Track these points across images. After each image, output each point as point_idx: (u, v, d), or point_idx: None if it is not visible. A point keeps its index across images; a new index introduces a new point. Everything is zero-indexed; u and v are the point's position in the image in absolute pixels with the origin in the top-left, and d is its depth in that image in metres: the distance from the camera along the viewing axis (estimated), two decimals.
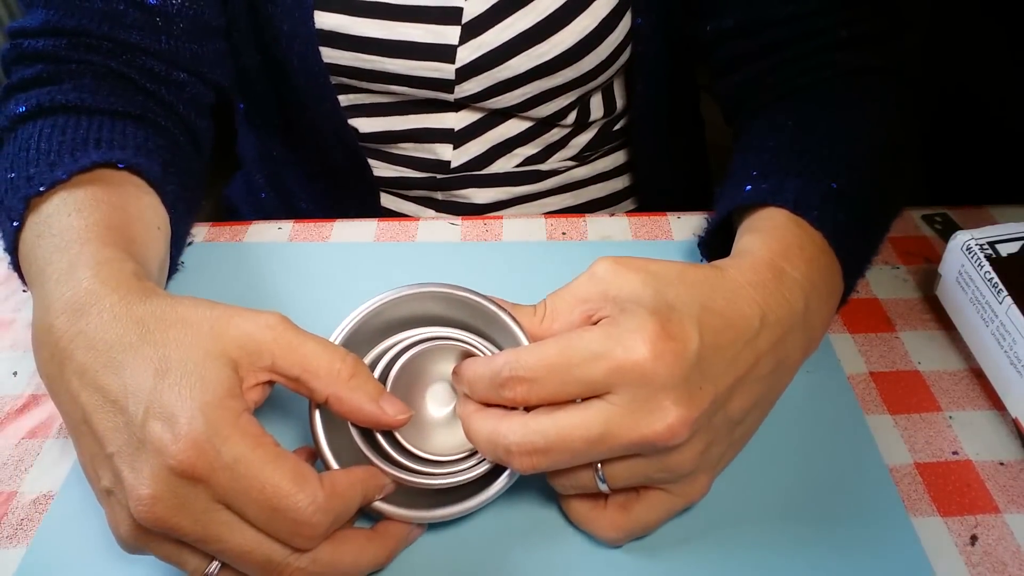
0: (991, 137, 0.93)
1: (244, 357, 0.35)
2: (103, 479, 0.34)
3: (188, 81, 0.56)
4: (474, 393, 0.37)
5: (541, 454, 0.34)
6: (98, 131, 0.47)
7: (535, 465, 0.34)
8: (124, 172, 0.46)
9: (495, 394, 0.35)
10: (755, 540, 0.39)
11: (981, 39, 0.89)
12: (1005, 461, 0.43)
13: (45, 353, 0.36)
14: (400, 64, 0.60)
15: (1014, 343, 0.43)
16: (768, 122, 0.52)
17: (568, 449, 0.33)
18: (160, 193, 0.48)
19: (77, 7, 0.51)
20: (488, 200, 0.69)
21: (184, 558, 0.34)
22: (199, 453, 0.31)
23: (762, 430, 0.43)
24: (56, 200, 0.42)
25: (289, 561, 0.33)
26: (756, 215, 0.45)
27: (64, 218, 0.41)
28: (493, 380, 0.35)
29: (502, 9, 0.59)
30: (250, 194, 0.77)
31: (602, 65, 0.62)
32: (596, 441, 0.33)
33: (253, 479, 0.32)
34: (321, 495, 0.33)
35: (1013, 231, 0.47)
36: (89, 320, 0.35)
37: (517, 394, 0.34)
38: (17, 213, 0.42)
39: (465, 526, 0.40)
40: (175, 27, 0.54)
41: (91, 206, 0.42)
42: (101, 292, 0.36)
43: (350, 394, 0.36)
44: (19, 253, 0.43)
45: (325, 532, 0.34)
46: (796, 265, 0.40)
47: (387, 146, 0.67)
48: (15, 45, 0.52)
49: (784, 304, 0.38)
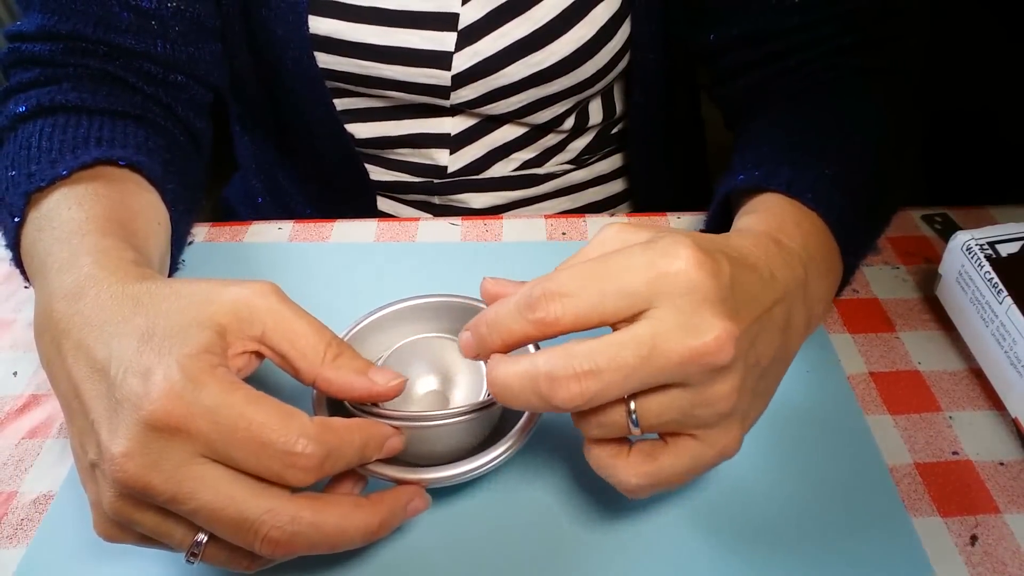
0: (991, 137, 0.93)
1: (234, 323, 0.34)
2: (89, 452, 0.33)
3: (185, 83, 0.56)
4: (498, 330, 0.33)
5: (592, 376, 0.30)
6: (99, 130, 0.47)
7: (584, 391, 0.31)
8: (125, 170, 0.46)
9: (523, 321, 0.32)
10: (755, 540, 0.39)
11: (981, 39, 0.89)
12: (1005, 461, 0.43)
13: (47, 337, 0.37)
14: (395, 70, 0.60)
15: (1014, 343, 0.43)
16: (766, 121, 0.52)
17: (620, 367, 0.30)
18: (160, 191, 0.48)
19: (72, 11, 0.51)
20: (485, 204, 0.69)
21: (168, 528, 0.32)
22: (175, 401, 0.30)
23: (762, 430, 0.43)
24: (57, 195, 0.43)
25: (264, 519, 0.31)
26: (752, 200, 0.45)
27: (65, 212, 0.41)
28: (521, 304, 0.32)
29: (498, 17, 0.59)
30: (247, 197, 0.77)
31: (600, 73, 0.61)
32: (647, 358, 0.30)
33: (237, 418, 0.31)
34: (311, 427, 0.32)
35: (1013, 231, 0.47)
36: (87, 301, 0.35)
37: (550, 312, 0.31)
38: (18, 209, 0.43)
39: (464, 525, 0.40)
40: (170, 30, 0.54)
41: (92, 200, 0.42)
42: (100, 275, 0.36)
43: (336, 373, 0.35)
44: (21, 249, 0.43)
45: (319, 466, 0.32)
46: (793, 237, 0.40)
47: (383, 151, 0.67)
48: (13, 49, 0.52)
49: (787, 267, 0.37)
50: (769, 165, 0.45)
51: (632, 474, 0.34)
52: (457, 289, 0.44)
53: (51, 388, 0.47)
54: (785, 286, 0.36)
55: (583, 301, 0.32)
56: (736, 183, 0.46)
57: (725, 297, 0.32)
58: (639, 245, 0.33)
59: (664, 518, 0.40)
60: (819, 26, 0.53)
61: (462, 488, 0.41)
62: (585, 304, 0.32)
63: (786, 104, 0.54)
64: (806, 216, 0.42)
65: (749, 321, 0.33)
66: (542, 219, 0.59)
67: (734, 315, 0.32)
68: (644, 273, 0.31)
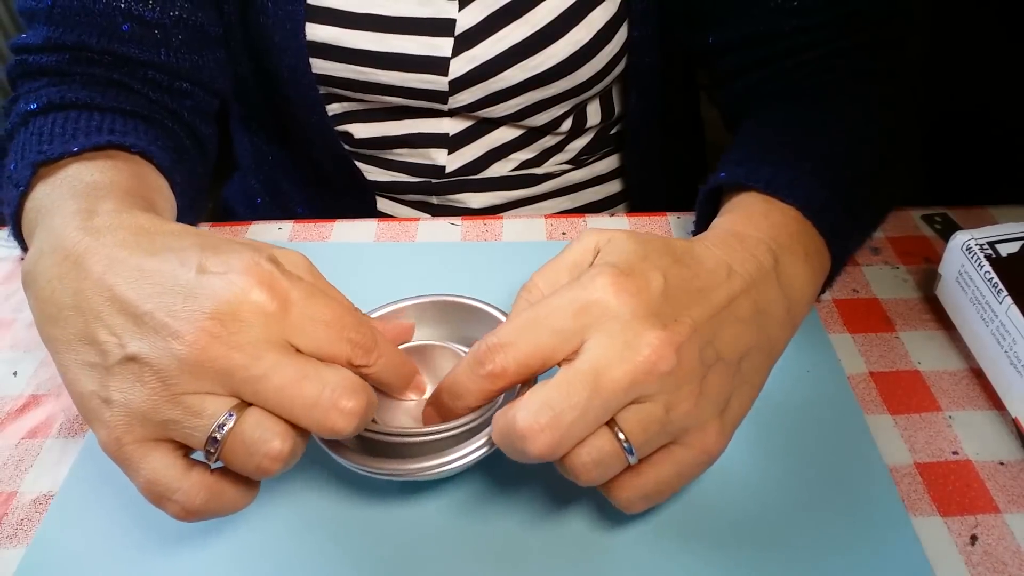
0: (991, 137, 0.93)
1: None
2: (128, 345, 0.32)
3: (191, 90, 0.56)
4: (460, 392, 0.36)
5: (553, 424, 0.32)
6: (111, 123, 0.48)
7: (551, 440, 0.32)
8: (136, 156, 0.47)
9: (477, 378, 0.34)
10: (755, 540, 0.39)
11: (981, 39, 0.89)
12: (1005, 461, 0.43)
13: (50, 273, 0.35)
14: (393, 76, 0.60)
15: (1014, 343, 0.43)
16: (758, 121, 0.53)
17: (575, 405, 0.32)
18: (169, 181, 0.48)
19: (77, 23, 0.52)
20: (483, 204, 0.69)
21: (206, 405, 0.32)
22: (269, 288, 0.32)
23: (762, 430, 0.43)
24: (74, 166, 0.43)
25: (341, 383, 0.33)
26: (733, 199, 0.45)
27: (87, 175, 0.42)
28: (472, 362, 0.35)
29: (495, 21, 0.59)
30: (246, 198, 0.77)
31: (597, 76, 0.61)
32: (596, 388, 0.32)
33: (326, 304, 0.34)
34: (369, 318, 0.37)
35: (1013, 231, 0.47)
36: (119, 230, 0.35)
37: (496, 364, 0.34)
38: (24, 179, 0.42)
39: (464, 521, 0.40)
40: (173, 39, 0.54)
41: (110, 169, 0.43)
42: (125, 215, 0.37)
43: None
44: (23, 215, 0.43)
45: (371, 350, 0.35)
46: (759, 227, 0.41)
47: (382, 151, 0.67)
48: (20, 61, 0.53)
49: (750, 259, 0.38)
50: (752, 164, 0.46)
51: (624, 487, 0.35)
52: (457, 289, 0.44)
53: (51, 388, 0.48)
54: (747, 278, 0.37)
55: (522, 348, 0.34)
56: (718, 180, 0.46)
57: (655, 309, 0.33)
58: (565, 285, 0.35)
59: (664, 518, 0.40)
60: (817, 29, 0.53)
61: (451, 482, 0.42)
62: (524, 351, 0.34)
63: (780, 104, 0.54)
64: (778, 209, 0.43)
65: (696, 322, 0.34)
66: (542, 219, 0.59)
67: (672, 323, 0.33)
68: (569, 310, 0.33)
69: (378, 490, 0.41)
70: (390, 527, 0.40)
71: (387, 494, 0.41)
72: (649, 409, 0.33)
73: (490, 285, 0.51)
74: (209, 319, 0.31)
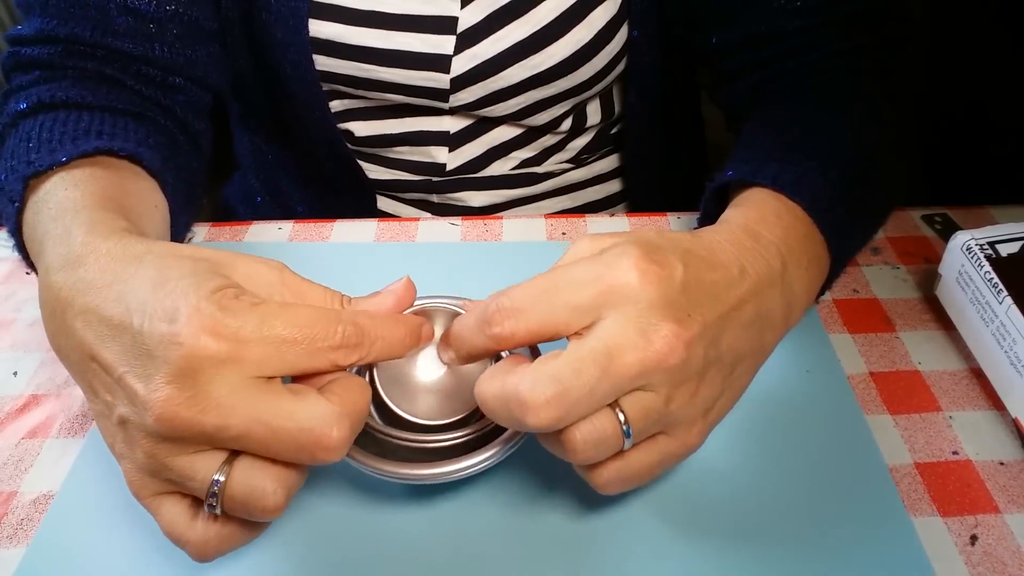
0: (991, 137, 0.93)
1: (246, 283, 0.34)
2: (117, 408, 0.32)
3: (184, 85, 0.56)
4: (462, 344, 0.36)
5: (560, 398, 0.31)
6: (100, 124, 0.48)
7: (553, 415, 0.31)
8: (124, 160, 0.46)
9: (482, 336, 0.34)
10: (755, 540, 0.39)
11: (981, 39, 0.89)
12: (1005, 461, 0.43)
13: (47, 311, 0.36)
14: (394, 73, 0.60)
15: (1014, 343, 0.43)
16: (762, 120, 0.53)
17: (586, 383, 0.31)
18: (160, 182, 0.48)
19: (70, 15, 0.51)
20: (484, 203, 0.69)
21: (196, 467, 0.32)
22: (215, 332, 0.30)
23: (763, 430, 0.43)
24: (55, 179, 0.43)
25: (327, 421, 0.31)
26: (741, 195, 0.45)
27: (61, 192, 0.41)
28: (479, 320, 0.34)
29: (497, 20, 0.59)
30: (246, 197, 0.77)
31: (598, 75, 0.61)
32: (607, 369, 0.32)
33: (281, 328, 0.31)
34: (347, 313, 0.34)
35: (1013, 231, 0.47)
36: (88, 267, 0.35)
37: (505, 328, 0.33)
38: (17, 194, 0.43)
39: (462, 519, 0.40)
40: (168, 33, 0.54)
41: (88, 181, 0.42)
42: (96, 243, 0.36)
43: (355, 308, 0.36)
44: (23, 234, 0.43)
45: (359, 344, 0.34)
46: (771, 229, 0.40)
47: (382, 150, 0.67)
48: (13, 52, 0.53)
49: (761, 261, 0.38)
50: (758, 161, 0.46)
51: (603, 470, 0.35)
52: (457, 289, 0.44)
53: (51, 388, 0.48)
54: (757, 281, 0.37)
55: (534, 316, 0.33)
56: (725, 178, 0.46)
57: (673, 301, 0.33)
58: (587, 259, 0.34)
59: (664, 517, 0.40)
60: (820, 29, 0.53)
61: (458, 484, 0.42)
62: (536, 319, 0.33)
63: (783, 104, 0.54)
64: (788, 209, 0.43)
65: (705, 321, 0.34)
66: (542, 219, 0.59)
67: (685, 318, 0.33)
68: (591, 287, 0.33)
69: (385, 491, 0.41)
70: (396, 527, 0.40)
71: (394, 495, 0.41)
72: (652, 398, 0.33)
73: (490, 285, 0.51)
74: (169, 385, 0.30)
